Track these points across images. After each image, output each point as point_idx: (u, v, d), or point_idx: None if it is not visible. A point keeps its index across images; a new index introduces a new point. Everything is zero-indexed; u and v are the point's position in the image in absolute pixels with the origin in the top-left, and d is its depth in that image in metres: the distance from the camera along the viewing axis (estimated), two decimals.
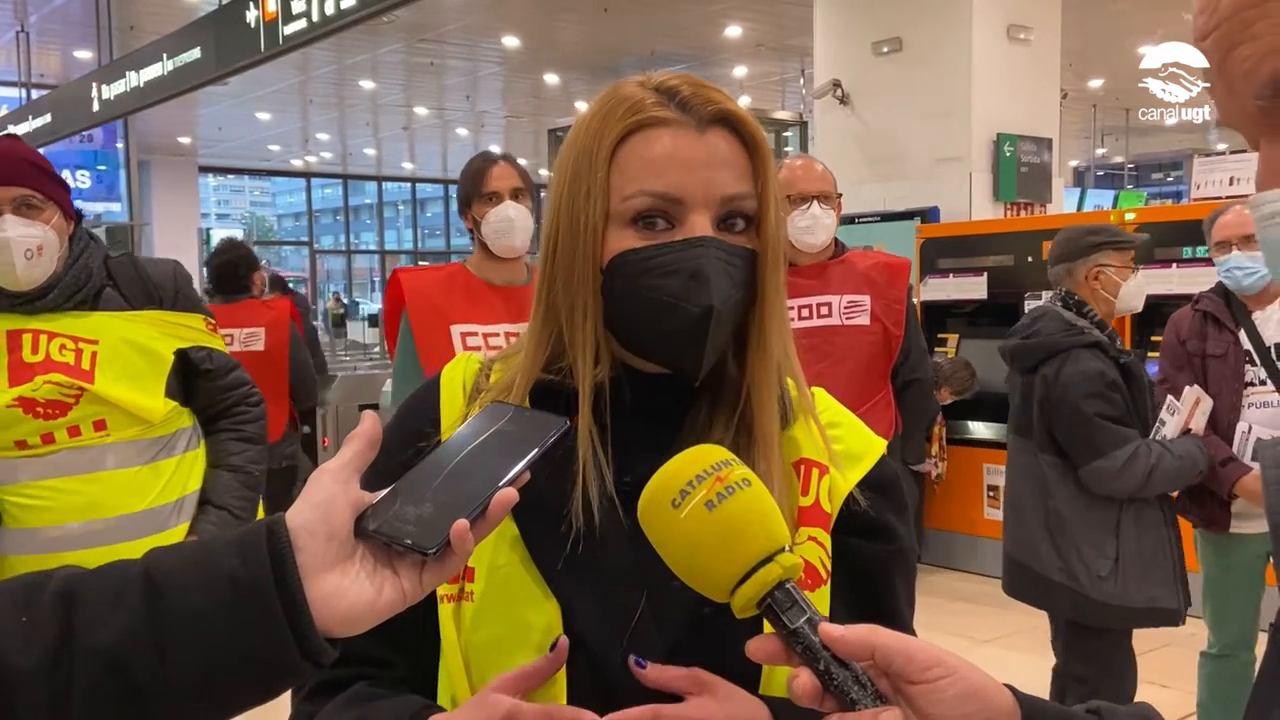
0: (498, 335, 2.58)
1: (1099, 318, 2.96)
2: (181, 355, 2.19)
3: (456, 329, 2.58)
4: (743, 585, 0.73)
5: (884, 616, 0.96)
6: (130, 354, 2.10)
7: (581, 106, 15.03)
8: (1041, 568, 2.95)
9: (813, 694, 0.70)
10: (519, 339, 1.01)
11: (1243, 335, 3.17)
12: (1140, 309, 3.11)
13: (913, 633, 0.99)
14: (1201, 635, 3.32)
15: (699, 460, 0.77)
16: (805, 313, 2.99)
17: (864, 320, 2.97)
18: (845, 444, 1.00)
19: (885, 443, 1.03)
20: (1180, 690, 3.66)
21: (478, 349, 2.53)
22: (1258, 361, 3.15)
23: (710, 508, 0.74)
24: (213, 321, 2.30)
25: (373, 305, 20.69)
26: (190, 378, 2.23)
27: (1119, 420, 2.84)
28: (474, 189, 2.69)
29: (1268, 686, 0.65)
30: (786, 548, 0.75)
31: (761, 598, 0.73)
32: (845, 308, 2.99)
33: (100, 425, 2.07)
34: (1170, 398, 3.06)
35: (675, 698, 0.84)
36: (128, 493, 2.10)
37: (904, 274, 3.09)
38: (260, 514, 2.33)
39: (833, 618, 0.92)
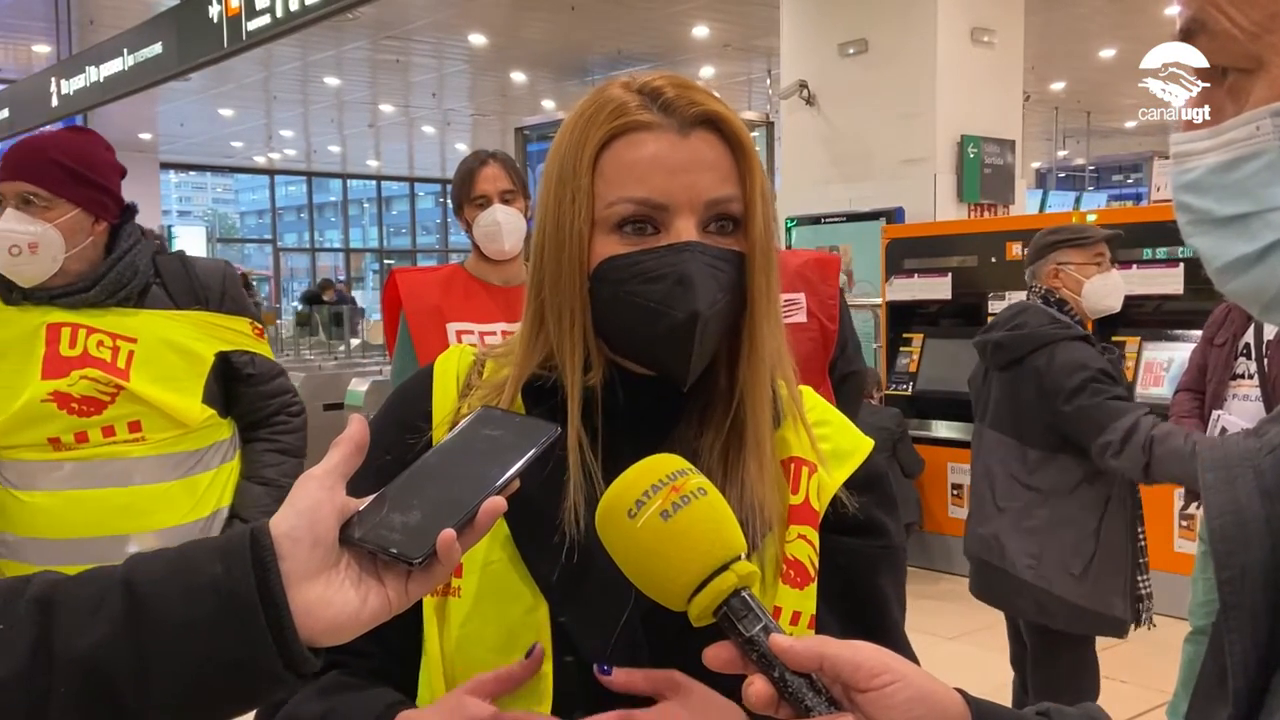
0: (494, 334, 2.57)
1: (1079, 317, 2.92)
2: (223, 358, 2.13)
3: (453, 327, 2.57)
4: (698, 594, 0.73)
5: (871, 614, 0.96)
6: (168, 354, 2.05)
7: (549, 105, 15.04)
8: (1009, 566, 2.88)
9: (767, 701, 0.70)
10: (511, 338, 1.00)
11: (1251, 330, 3.19)
12: (1118, 308, 3.01)
13: (901, 632, 0.99)
14: (1157, 633, 3.37)
15: (655, 470, 0.77)
16: None
17: (800, 318, 2.93)
18: (833, 442, 0.99)
19: (873, 442, 1.02)
20: (1137, 685, 3.72)
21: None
22: (1252, 355, 3.18)
23: (665, 517, 0.74)
24: (260, 326, 2.24)
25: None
26: (231, 382, 2.18)
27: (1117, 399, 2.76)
28: (464, 192, 2.68)
29: (1208, 687, 0.66)
30: (742, 556, 0.75)
31: (717, 606, 0.73)
32: (782, 307, 2.97)
33: (135, 426, 2.01)
34: (1221, 415, 3.00)
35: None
36: (160, 507, 2.04)
37: (835, 269, 3.09)
38: None
39: (819, 616, 0.92)
